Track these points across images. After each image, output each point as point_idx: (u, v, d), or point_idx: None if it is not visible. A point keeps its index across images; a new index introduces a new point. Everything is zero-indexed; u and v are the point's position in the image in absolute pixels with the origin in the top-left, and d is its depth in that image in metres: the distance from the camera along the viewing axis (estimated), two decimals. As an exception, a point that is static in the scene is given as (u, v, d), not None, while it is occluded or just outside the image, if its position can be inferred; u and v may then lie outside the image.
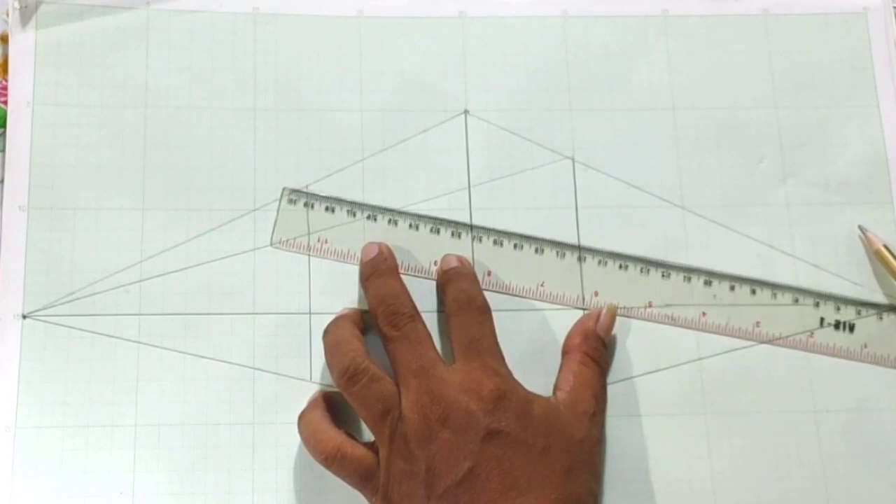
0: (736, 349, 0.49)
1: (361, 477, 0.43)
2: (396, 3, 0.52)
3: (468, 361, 0.44)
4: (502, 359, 0.45)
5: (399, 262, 0.48)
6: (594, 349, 0.47)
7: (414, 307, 0.46)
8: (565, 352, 0.48)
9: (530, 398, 0.44)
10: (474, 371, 0.44)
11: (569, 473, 0.42)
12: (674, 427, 0.48)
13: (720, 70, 0.53)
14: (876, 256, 0.50)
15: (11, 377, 0.46)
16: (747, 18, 0.53)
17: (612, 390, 0.48)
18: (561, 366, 0.48)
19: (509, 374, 0.45)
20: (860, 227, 0.51)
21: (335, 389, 0.47)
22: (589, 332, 0.48)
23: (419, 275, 0.49)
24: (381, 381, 0.44)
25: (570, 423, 0.44)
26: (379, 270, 0.47)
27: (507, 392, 0.43)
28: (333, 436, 0.44)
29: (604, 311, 0.48)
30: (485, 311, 0.46)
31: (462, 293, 0.47)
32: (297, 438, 0.46)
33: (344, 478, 0.44)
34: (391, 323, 0.45)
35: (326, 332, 0.46)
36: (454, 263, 0.48)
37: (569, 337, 0.48)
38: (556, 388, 0.47)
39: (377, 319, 0.46)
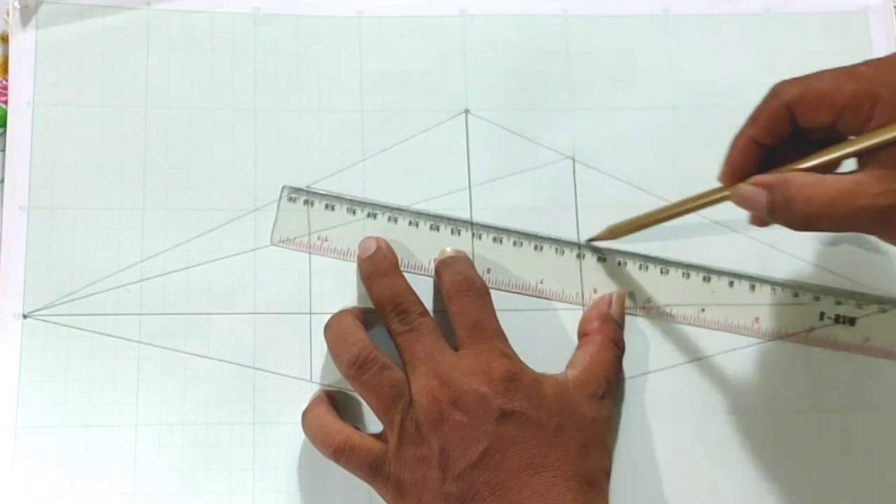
0: (735, 349, 0.49)
1: (371, 467, 0.43)
2: (396, 2, 0.52)
3: (475, 345, 0.44)
4: (507, 340, 0.45)
5: (399, 259, 0.48)
6: (614, 332, 0.48)
7: (422, 304, 0.46)
8: (583, 334, 0.48)
9: (540, 379, 0.44)
10: (482, 354, 0.44)
11: (583, 451, 0.43)
12: (674, 427, 0.48)
13: (720, 69, 0.53)
14: None
15: (11, 377, 0.46)
16: (748, 18, 0.54)
17: (612, 390, 0.48)
18: (578, 346, 0.48)
19: (515, 355, 0.45)
20: None
21: (335, 389, 0.47)
22: (606, 316, 0.48)
23: (418, 272, 0.49)
24: (391, 369, 0.44)
25: (580, 403, 0.44)
26: (381, 268, 0.47)
27: (518, 373, 0.43)
28: (341, 428, 0.44)
29: (614, 296, 0.49)
30: (484, 292, 0.46)
31: (459, 275, 0.47)
32: (298, 438, 0.46)
33: (353, 470, 0.44)
34: (401, 321, 0.45)
35: (329, 326, 0.46)
36: (450, 253, 0.48)
37: (585, 321, 0.49)
38: (569, 365, 0.47)
39: (386, 318, 0.46)
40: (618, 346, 0.48)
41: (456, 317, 0.46)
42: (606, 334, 0.47)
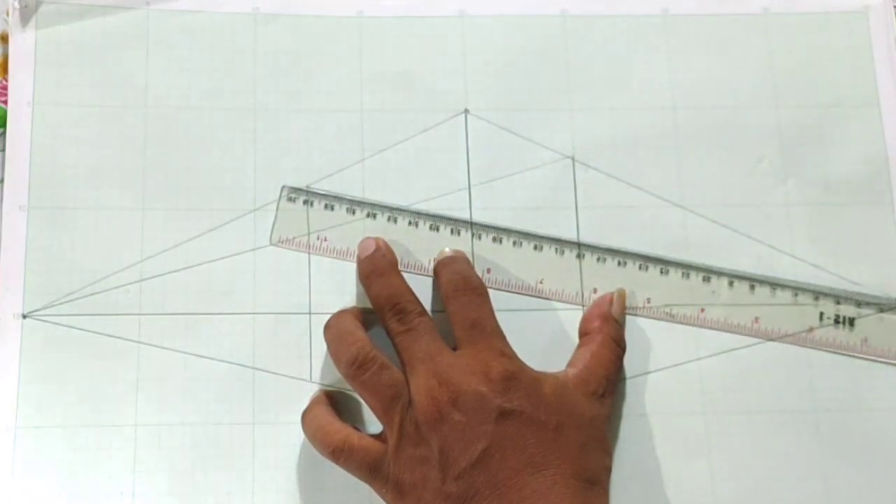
0: (735, 348, 0.49)
1: (370, 467, 0.43)
2: (396, 2, 0.52)
3: (473, 345, 0.44)
4: (505, 339, 0.45)
5: (398, 259, 0.48)
6: (615, 330, 0.48)
7: (420, 304, 0.46)
8: (584, 333, 0.48)
9: (539, 377, 0.44)
10: (480, 353, 0.44)
11: (582, 449, 0.43)
12: (674, 427, 0.48)
13: (720, 69, 0.53)
14: None
15: (11, 377, 0.46)
16: (748, 17, 0.53)
17: (612, 389, 0.48)
18: (579, 345, 0.48)
19: (514, 354, 0.45)
20: None
21: (335, 389, 0.47)
22: (607, 315, 0.48)
23: (418, 272, 0.49)
24: (391, 369, 0.44)
25: (580, 401, 0.44)
26: (379, 268, 0.47)
27: (516, 372, 0.43)
28: (339, 428, 0.44)
29: (615, 295, 0.49)
30: (481, 291, 0.46)
31: (456, 274, 0.47)
32: (298, 438, 0.46)
33: (352, 470, 0.44)
34: (400, 320, 0.45)
35: (328, 326, 0.46)
36: (449, 253, 0.48)
37: (586, 320, 0.49)
38: (569, 363, 0.47)
39: (384, 317, 0.46)
40: (619, 345, 0.48)
41: (454, 316, 0.46)
42: (608, 333, 0.47)
